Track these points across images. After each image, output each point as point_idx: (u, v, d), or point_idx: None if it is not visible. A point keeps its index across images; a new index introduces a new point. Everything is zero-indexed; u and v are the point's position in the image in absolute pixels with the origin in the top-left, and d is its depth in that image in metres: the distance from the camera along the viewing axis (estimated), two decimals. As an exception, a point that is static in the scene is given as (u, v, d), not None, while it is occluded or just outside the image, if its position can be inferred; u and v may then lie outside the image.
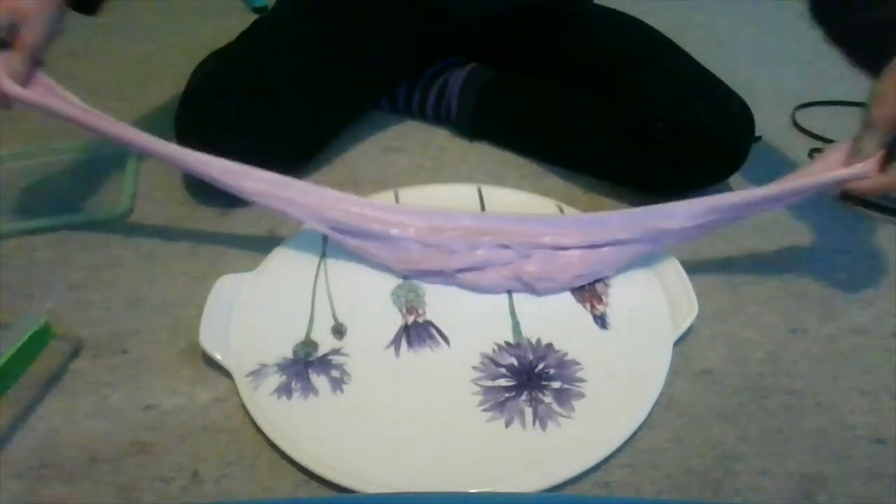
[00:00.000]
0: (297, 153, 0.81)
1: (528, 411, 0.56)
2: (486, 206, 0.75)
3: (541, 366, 0.60)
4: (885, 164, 0.57)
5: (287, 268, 0.69)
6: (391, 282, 0.67)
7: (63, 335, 0.61)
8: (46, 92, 0.63)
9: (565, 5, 0.85)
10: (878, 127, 0.56)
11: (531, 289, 0.65)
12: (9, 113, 0.63)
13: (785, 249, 0.72)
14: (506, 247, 0.65)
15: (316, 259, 0.69)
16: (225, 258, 0.71)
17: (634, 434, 0.55)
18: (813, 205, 0.78)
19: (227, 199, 0.77)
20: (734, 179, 0.76)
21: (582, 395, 0.58)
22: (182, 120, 0.75)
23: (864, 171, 0.57)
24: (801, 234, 0.74)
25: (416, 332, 0.63)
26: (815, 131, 0.87)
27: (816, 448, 0.55)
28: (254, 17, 1.02)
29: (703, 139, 0.72)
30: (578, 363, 0.60)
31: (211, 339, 0.61)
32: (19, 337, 0.57)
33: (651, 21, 0.80)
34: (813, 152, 0.81)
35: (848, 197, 0.77)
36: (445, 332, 0.62)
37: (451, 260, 0.65)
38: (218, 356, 0.60)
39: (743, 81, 0.75)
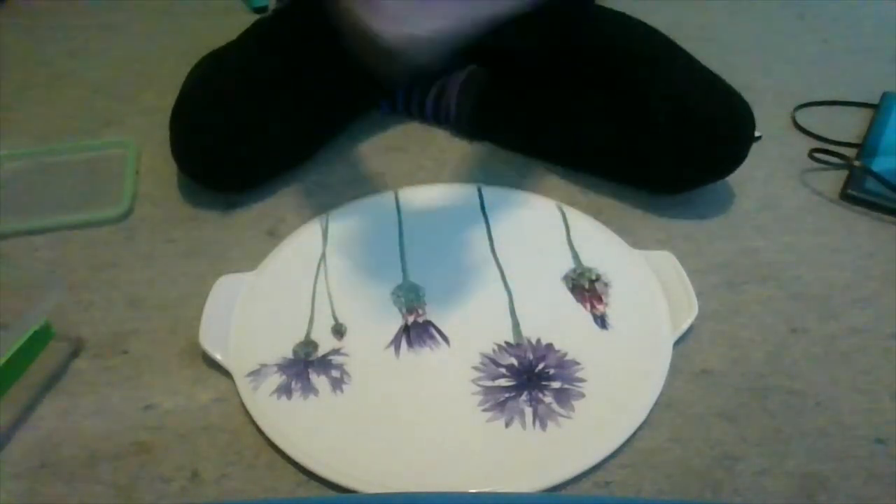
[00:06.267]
0: (294, 154, 0.81)
1: (528, 411, 0.56)
2: (486, 206, 0.75)
3: (541, 366, 0.60)
4: None
5: (287, 268, 0.69)
6: (391, 282, 0.67)
7: (63, 335, 0.61)
8: None
9: (566, 6, 0.85)
10: None
11: None
12: (9, 113, 0.63)
13: (785, 249, 0.72)
14: None
15: (316, 259, 0.69)
16: (225, 258, 0.71)
17: (634, 434, 0.56)
18: (813, 204, 0.78)
19: (226, 200, 0.77)
20: (734, 178, 0.76)
21: (582, 395, 0.58)
22: (177, 119, 0.75)
23: None
24: (801, 234, 0.74)
25: (416, 332, 0.63)
26: (815, 131, 0.87)
27: (816, 448, 0.55)
28: (254, 17, 1.01)
29: (704, 137, 0.72)
30: (578, 363, 0.60)
31: (211, 339, 0.61)
32: (19, 337, 0.57)
33: (651, 21, 0.80)
34: (813, 152, 0.81)
35: (848, 197, 0.77)
36: (445, 332, 0.62)
37: None
38: (218, 356, 0.60)
39: (743, 81, 0.75)
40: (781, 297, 0.67)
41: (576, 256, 0.70)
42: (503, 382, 0.59)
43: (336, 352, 0.61)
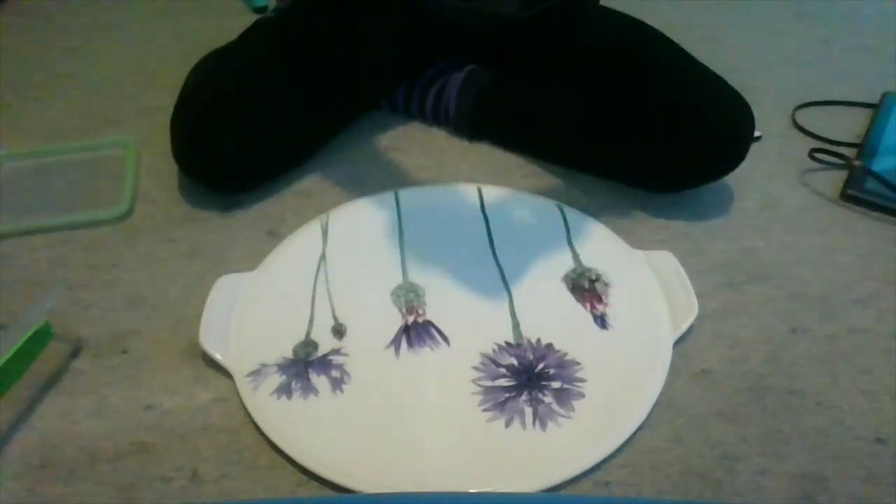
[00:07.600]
0: (294, 154, 0.81)
1: (528, 411, 0.56)
2: (486, 206, 0.75)
3: (541, 366, 0.60)
4: None
5: (287, 268, 0.69)
6: (391, 282, 0.67)
7: (63, 335, 0.61)
8: None
9: (565, 7, 0.85)
10: None
11: None
12: (9, 113, 0.63)
13: (785, 249, 0.72)
14: None
15: (316, 259, 0.69)
16: (225, 258, 0.71)
17: (634, 434, 0.56)
18: (813, 205, 0.78)
19: (227, 200, 0.77)
20: (734, 178, 0.76)
21: (582, 395, 0.58)
22: (178, 119, 0.75)
23: None
24: (801, 234, 0.74)
25: (416, 332, 0.63)
26: (815, 131, 0.87)
27: (816, 448, 0.55)
28: (254, 17, 1.01)
29: (703, 138, 0.72)
30: (578, 363, 0.60)
31: (211, 339, 0.61)
32: (19, 337, 0.57)
33: (652, 21, 0.80)
34: (813, 152, 0.81)
35: (848, 197, 0.77)
36: (445, 332, 0.62)
37: None
38: (218, 356, 0.60)
39: (743, 81, 0.75)
40: (781, 297, 0.67)
41: (576, 256, 0.70)
42: (503, 382, 0.59)
43: (336, 352, 0.61)
